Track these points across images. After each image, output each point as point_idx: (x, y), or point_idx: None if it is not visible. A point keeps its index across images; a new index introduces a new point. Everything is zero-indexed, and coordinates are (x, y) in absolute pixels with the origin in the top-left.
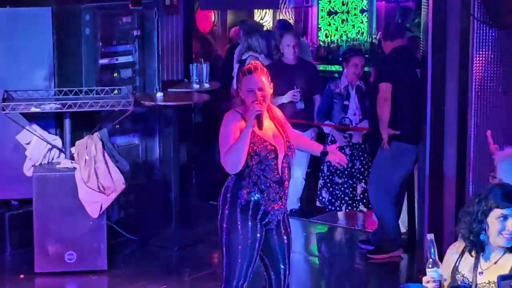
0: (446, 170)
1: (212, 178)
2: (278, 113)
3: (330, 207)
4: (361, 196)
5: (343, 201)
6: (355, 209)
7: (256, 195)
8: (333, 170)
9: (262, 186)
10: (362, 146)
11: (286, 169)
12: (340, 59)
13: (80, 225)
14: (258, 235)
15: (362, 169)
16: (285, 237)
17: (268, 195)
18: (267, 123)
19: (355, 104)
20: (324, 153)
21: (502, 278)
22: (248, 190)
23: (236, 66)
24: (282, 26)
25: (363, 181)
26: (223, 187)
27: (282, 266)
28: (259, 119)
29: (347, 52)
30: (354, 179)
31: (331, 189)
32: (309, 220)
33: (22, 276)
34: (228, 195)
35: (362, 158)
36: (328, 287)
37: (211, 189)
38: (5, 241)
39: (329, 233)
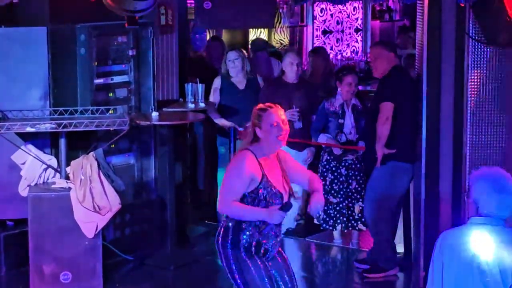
0: (442, 189)
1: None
2: (282, 155)
3: (324, 225)
4: (360, 215)
5: (338, 221)
6: (351, 228)
7: (258, 237)
8: (327, 189)
9: (264, 231)
10: (358, 165)
11: None
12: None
13: (76, 245)
14: (269, 268)
15: (359, 189)
16: (281, 261)
17: (268, 236)
18: (274, 167)
19: (350, 123)
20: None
21: None
22: (249, 233)
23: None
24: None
25: (361, 200)
26: (221, 227)
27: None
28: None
29: (340, 71)
30: (350, 199)
31: (325, 208)
32: (305, 239)
33: None
34: (229, 238)
35: (358, 177)
36: None
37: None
38: (0, 262)
39: (325, 252)
